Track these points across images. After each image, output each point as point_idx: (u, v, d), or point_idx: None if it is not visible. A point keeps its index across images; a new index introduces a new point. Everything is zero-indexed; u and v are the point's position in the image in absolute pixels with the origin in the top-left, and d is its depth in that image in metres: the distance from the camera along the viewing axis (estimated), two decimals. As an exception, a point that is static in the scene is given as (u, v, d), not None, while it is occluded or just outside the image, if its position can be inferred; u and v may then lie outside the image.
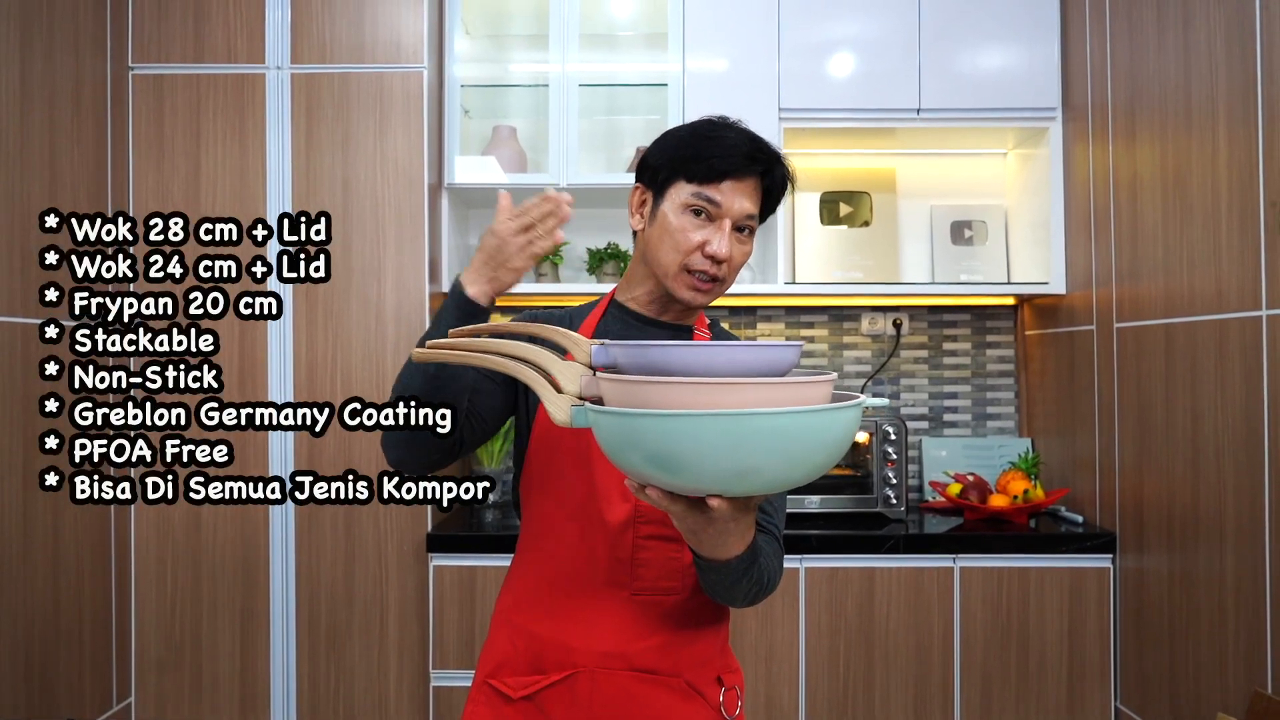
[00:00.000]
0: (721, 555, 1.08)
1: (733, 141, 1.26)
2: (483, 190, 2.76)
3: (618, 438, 0.87)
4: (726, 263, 1.27)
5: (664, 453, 0.84)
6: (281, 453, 2.49)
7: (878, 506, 2.67)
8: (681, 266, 1.28)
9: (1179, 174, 2.15)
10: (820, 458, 0.87)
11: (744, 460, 0.83)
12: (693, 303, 1.30)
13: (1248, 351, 1.91)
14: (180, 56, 2.51)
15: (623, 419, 0.85)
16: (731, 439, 0.82)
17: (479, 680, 1.33)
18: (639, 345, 0.93)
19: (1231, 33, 1.96)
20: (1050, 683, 2.46)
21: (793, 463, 0.85)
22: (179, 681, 2.50)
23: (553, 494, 1.30)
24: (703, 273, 1.27)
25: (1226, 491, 1.99)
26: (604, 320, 1.36)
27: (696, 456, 0.83)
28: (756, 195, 1.29)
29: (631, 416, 0.84)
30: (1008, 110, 2.73)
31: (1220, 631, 2.01)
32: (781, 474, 0.86)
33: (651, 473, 0.88)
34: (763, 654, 2.46)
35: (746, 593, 1.18)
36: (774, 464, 0.84)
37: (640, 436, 0.84)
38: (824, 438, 0.86)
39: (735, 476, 0.85)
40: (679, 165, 1.27)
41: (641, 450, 0.85)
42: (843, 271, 2.95)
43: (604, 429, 0.89)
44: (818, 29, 2.72)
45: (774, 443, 0.83)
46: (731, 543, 1.06)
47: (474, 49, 3.02)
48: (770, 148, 1.30)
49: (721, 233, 1.26)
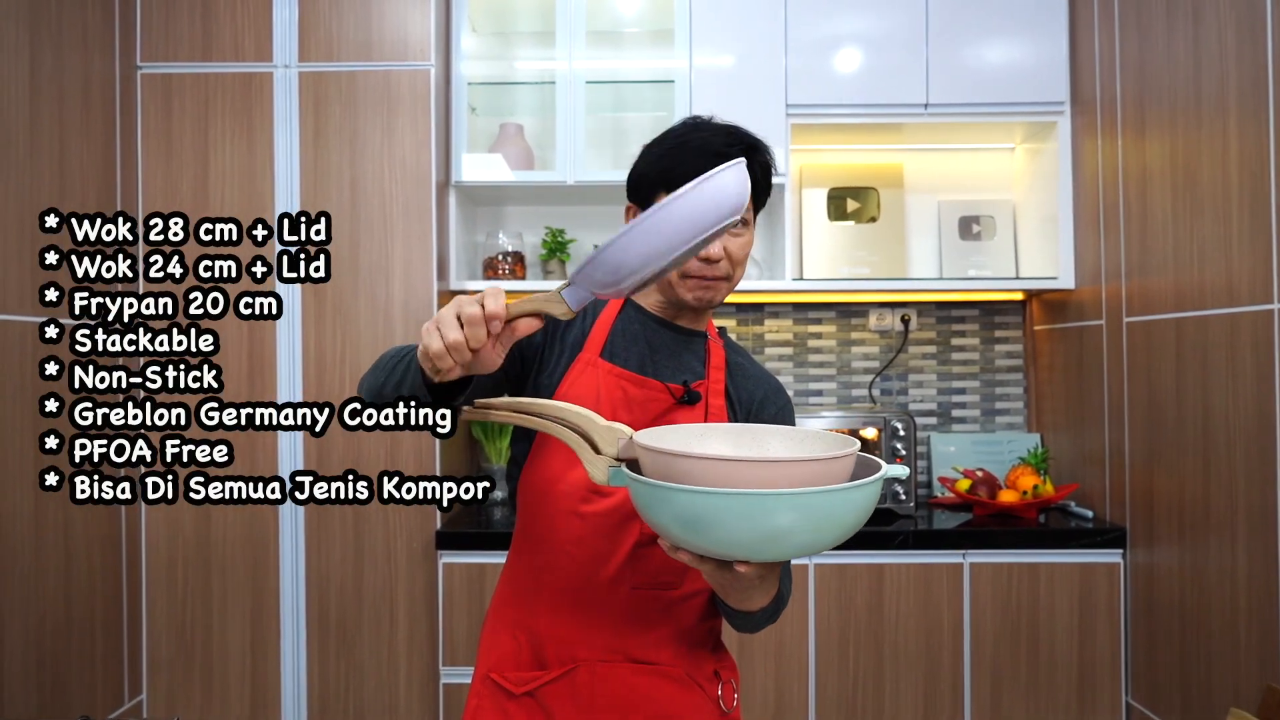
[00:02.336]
0: (748, 607, 1.15)
1: (706, 140, 1.27)
2: (490, 187, 2.77)
3: (651, 504, 0.94)
4: (725, 260, 1.28)
5: (694, 522, 0.90)
6: (291, 453, 2.50)
7: (887, 502, 2.66)
8: (680, 274, 1.29)
9: (1189, 167, 2.13)
10: (843, 529, 0.93)
11: (769, 533, 0.89)
12: (699, 302, 1.30)
13: (1259, 345, 1.89)
14: (188, 55, 2.52)
15: (656, 490, 0.92)
16: (757, 515, 0.88)
17: (480, 674, 1.34)
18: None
19: (1242, 25, 1.94)
20: (1061, 678, 2.45)
21: (817, 534, 0.91)
22: (190, 679, 2.52)
23: (553, 489, 1.30)
24: (705, 276, 1.28)
25: (1238, 486, 1.97)
26: (620, 319, 1.35)
27: (724, 528, 0.89)
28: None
29: (664, 489, 0.91)
30: (1016, 105, 2.72)
31: (1232, 626, 2.00)
32: (806, 543, 0.92)
33: (682, 537, 0.94)
34: (772, 650, 2.46)
35: (761, 626, 1.27)
36: (799, 536, 0.90)
37: (672, 507, 0.91)
38: (846, 512, 0.92)
39: (761, 545, 0.91)
40: (659, 177, 1.28)
41: (673, 518, 0.92)
42: (850, 267, 2.94)
43: (639, 496, 0.96)
44: (824, 24, 2.71)
45: (799, 518, 0.89)
46: (756, 597, 1.12)
47: (481, 46, 3.02)
48: (748, 136, 1.30)
49: None
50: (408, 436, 2.48)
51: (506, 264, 2.87)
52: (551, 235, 2.95)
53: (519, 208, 3.08)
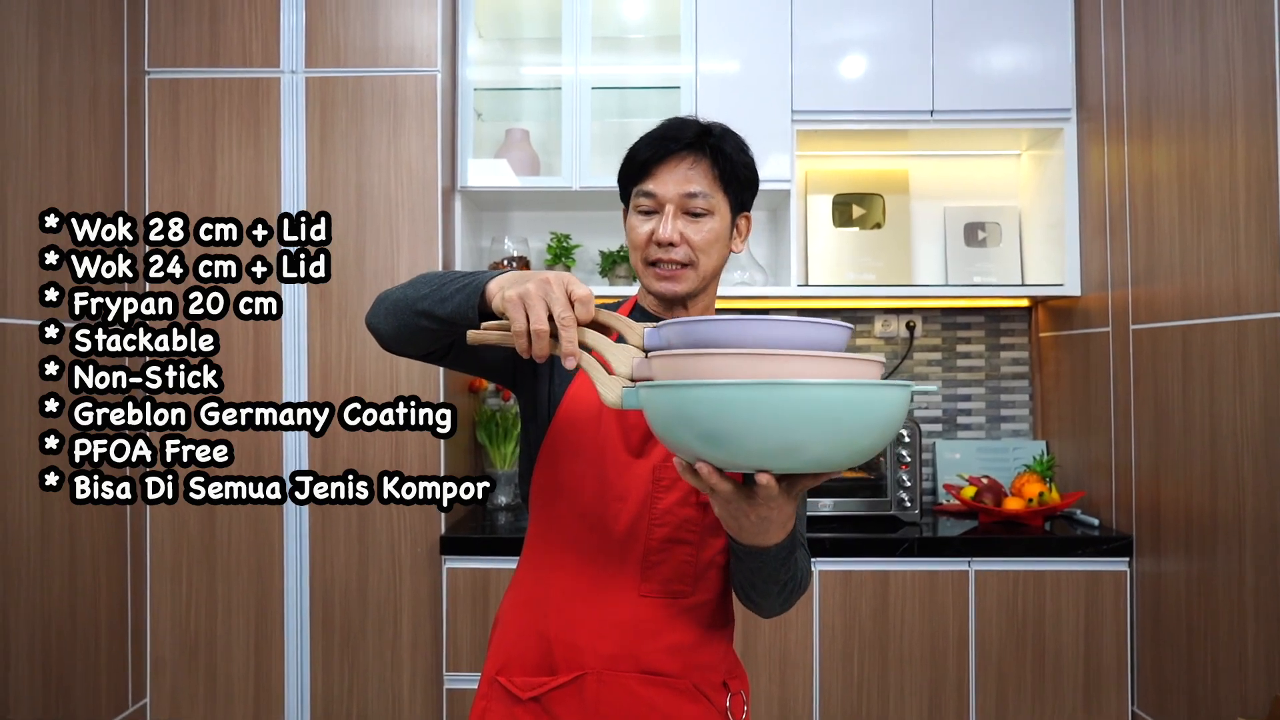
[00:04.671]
0: (762, 542, 1.08)
1: (654, 133, 1.31)
2: (495, 193, 2.77)
3: (668, 412, 0.88)
4: (684, 245, 1.29)
5: (713, 425, 0.85)
6: (296, 455, 2.51)
7: (892, 510, 2.65)
8: (644, 262, 1.32)
9: (1196, 174, 2.13)
10: (867, 440, 0.88)
11: (792, 434, 0.84)
12: (665, 292, 1.31)
13: (1267, 353, 1.88)
14: (196, 60, 2.53)
15: (673, 391, 0.87)
16: (780, 410, 0.83)
17: (488, 676, 1.34)
18: (690, 321, 0.93)
19: (1249, 32, 1.94)
20: (1066, 687, 2.43)
21: (840, 440, 0.86)
22: (194, 682, 2.52)
23: (564, 494, 1.30)
24: (661, 261, 1.29)
25: (1245, 494, 1.96)
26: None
27: (745, 428, 0.84)
28: (697, 173, 1.29)
29: (682, 388, 0.86)
30: (1022, 111, 2.71)
31: (1239, 635, 1.98)
32: (828, 452, 0.86)
33: (700, 448, 0.88)
34: (777, 658, 2.45)
35: (782, 588, 1.19)
36: (821, 440, 0.85)
37: (690, 409, 0.86)
38: (872, 416, 0.86)
39: (783, 451, 0.86)
40: (623, 179, 1.34)
41: (691, 425, 0.86)
42: (855, 274, 2.93)
43: (655, 405, 0.90)
44: (830, 30, 2.71)
45: (822, 416, 0.83)
46: (773, 530, 1.06)
47: (487, 52, 3.03)
48: (694, 122, 1.31)
49: (663, 217, 1.28)
50: (412, 439, 2.48)
51: (511, 269, 2.88)
52: (557, 240, 2.95)
53: (524, 213, 3.08)
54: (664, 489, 1.27)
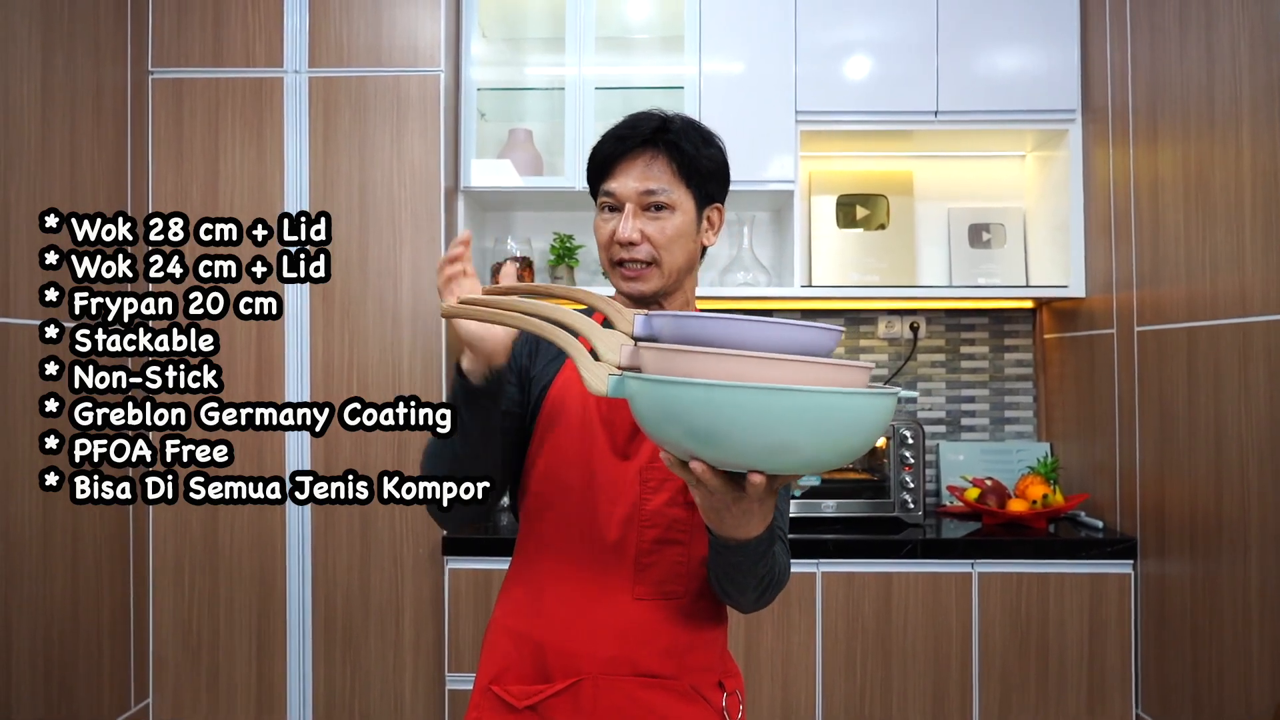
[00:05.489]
0: (743, 535, 1.07)
1: (614, 130, 1.29)
2: (499, 193, 2.77)
3: (656, 408, 0.87)
4: (645, 243, 1.26)
5: (702, 424, 0.84)
6: (298, 456, 2.51)
7: (895, 511, 2.65)
8: (610, 262, 1.30)
9: (1201, 176, 2.12)
10: (855, 441, 0.88)
11: (781, 436, 0.84)
12: (632, 292, 1.29)
13: (1272, 355, 1.87)
14: (199, 61, 2.53)
15: (665, 387, 0.85)
16: (771, 414, 0.82)
17: (481, 686, 1.32)
18: (684, 316, 0.92)
19: (1256, 33, 1.93)
20: (1070, 690, 2.42)
21: (828, 443, 0.86)
22: (196, 682, 2.52)
23: (552, 500, 1.28)
24: (625, 261, 1.27)
25: (1251, 497, 1.95)
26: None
27: (735, 429, 0.83)
28: (655, 168, 1.27)
29: (675, 385, 0.84)
30: (1026, 112, 2.70)
31: (1244, 638, 1.97)
32: (816, 454, 0.86)
33: (688, 445, 0.88)
34: (779, 659, 2.44)
35: (759, 581, 1.17)
36: (810, 443, 0.85)
37: (679, 406, 0.85)
38: (861, 421, 0.87)
39: (770, 453, 0.86)
40: (589, 178, 1.34)
41: (680, 422, 0.86)
42: (859, 275, 2.93)
43: (643, 398, 0.89)
44: (835, 31, 2.71)
45: (813, 421, 0.83)
46: (754, 523, 1.05)
47: (490, 52, 3.03)
48: (654, 116, 1.29)
49: (623, 216, 1.26)
50: (415, 440, 2.47)
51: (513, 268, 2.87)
52: (560, 241, 2.95)
53: (528, 213, 3.08)
54: (651, 490, 1.25)
